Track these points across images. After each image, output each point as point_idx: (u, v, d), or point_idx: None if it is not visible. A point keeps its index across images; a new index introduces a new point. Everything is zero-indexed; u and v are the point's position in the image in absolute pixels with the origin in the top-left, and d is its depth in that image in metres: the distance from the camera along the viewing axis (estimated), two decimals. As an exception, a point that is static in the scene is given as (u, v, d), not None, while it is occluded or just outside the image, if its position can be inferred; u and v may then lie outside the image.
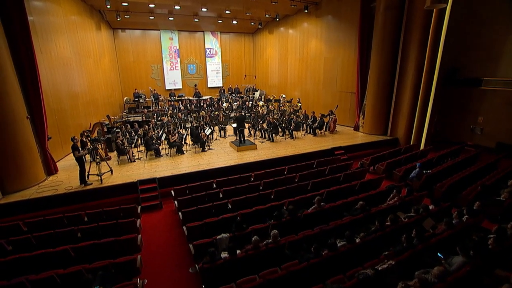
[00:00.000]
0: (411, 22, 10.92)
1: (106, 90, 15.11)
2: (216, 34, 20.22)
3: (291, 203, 6.55)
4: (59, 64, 10.46)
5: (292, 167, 8.95)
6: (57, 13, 10.51)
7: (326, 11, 14.86)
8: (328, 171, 8.82)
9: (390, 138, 12.59)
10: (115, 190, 7.94)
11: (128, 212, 6.60)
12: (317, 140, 12.41)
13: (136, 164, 9.54)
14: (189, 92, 19.83)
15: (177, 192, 7.48)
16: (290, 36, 17.81)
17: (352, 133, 13.68)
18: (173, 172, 8.72)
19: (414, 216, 5.59)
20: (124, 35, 17.83)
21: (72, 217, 6.29)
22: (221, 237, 5.22)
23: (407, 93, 11.72)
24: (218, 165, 9.23)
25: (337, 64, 14.79)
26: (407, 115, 11.91)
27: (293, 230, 5.55)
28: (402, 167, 9.11)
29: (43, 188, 7.86)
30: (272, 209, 6.36)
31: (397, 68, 11.93)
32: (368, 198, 6.83)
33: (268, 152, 10.53)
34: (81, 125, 11.51)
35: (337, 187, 7.45)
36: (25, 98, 7.91)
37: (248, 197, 6.85)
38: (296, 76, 17.84)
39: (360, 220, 5.83)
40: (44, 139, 8.45)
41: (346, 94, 14.61)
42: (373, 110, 12.82)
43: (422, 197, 6.83)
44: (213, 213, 6.57)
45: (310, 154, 10.51)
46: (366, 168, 8.90)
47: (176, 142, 10.33)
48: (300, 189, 7.56)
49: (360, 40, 12.56)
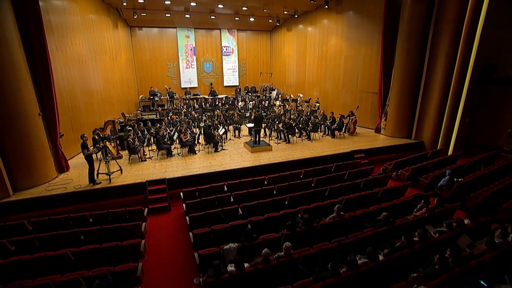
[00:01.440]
0: (442, 15, 10.05)
1: (121, 88, 15.10)
2: (233, 32, 19.89)
3: (306, 211, 6.04)
4: (75, 61, 10.42)
5: (309, 170, 8.40)
6: (74, 10, 10.48)
7: (348, 7, 14.14)
8: (348, 176, 8.21)
9: (415, 141, 11.74)
10: (124, 190, 7.71)
11: (134, 215, 6.32)
12: (335, 142, 11.76)
13: (147, 163, 9.31)
14: (205, 91, 19.61)
15: (186, 194, 7.13)
16: (309, 34, 17.17)
17: (373, 135, 12.91)
18: (184, 173, 8.40)
19: (446, 231, 4.93)
20: (141, 33, 17.84)
21: (77, 218, 6.07)
22: (229, 247, 4.79)
23: (435, 93, 10.85)
24: (231, 167, 8.84)
25: (358, 63, 14.04)
26: (435, 116, 11.04)
27: (308, 242, 5.03)
28: (429, 173, 8.35)
29: (53, 186, 7.75)
30: (286, 217, 5.87)
31: (424, 66, 11.08)
32: (392, 208, 6.19)
33: (284, 154, 10.03)
34: (95, 123, 11.45)
35: (357, 195, 6.85)
36: (37, 95, 7.82)
37: (260, 203, 6.39)
38: (314, 75, 17.19)
39: (383, 233, 5.22)
40: (56, 137, 8.37)
41: (367, 94, 13.83)
42: (397, 111, 12.00)
43: (454, 209, 6.10)
44: (222, 218, 6.17)
45: (328, 157, 9.90)
46: (389, 174, 8.21)
47: (188, 141, 10.03)
48: (317, 195, 7.01)
49: (384, 36, 11.78)
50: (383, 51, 12.01)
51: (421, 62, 11.12)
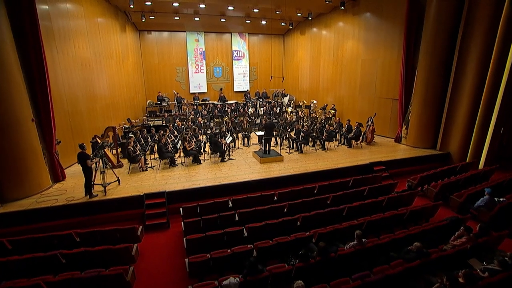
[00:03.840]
0: (474, 12, 9.06)
1: (128, 93, 14.66)
2: (244, 36, 19.30)
3: (322, 236, 5.18)
4: (77, 65, 9.97)
5: (324, 185, 7.52)
6: (78, 13, 10.07)
7: (365, 8, 13.28)
8: (368, 192, 7.29)
9: (440, 152, 10.66)
10: (119, 203, 7.05)
11: (126, 234, 5.61)
12: (352, 152, 10.82)
13: (148, 173, 8.66)
14: (214, 96, 19.03)
15: (186, 211, 6.39)
16: (323, 37, 16.36)
17: (393, 145, 11.89)
18: (186, 185, 7.68)
19: (499, 271, 3.96)
20: (149, 37, 17.47)
21: (62, 237, 5.40)
22: (228, 283, 3.99)
23: (465, 99, 9.81)
24: (237, 179, 8.06)
25: (376, 67, 13.11)
26: (464, 125, 9.97)
27: (324, 277, 4.18)
28: (462, 191, 7.33)
29: (45, 197, 7.17)
30: (298, 243, 5.03)
31: (452, 69, 10.06)
32: (423, 234, 5.26)
33: (296, 166, 9.18)
34: (98, 129, 10.93)
35: (380, 216, 5.93)
36: (31, 99, 7.31)
37: (268, 224, 5.56)
38: (329, 80, 16.31)
39: (416, 268, 4.30)
40: (51, 144, 7.82)
41: (386, 100, 12.85)
42: (420, 119, 10.98)
43: (501, 238, 5.09)
44: (224, 241, 5.39)
45: (345, 170, 9.00)
46: (416, 191, 7.22)
47: (193, 150, 9.34)
48: (333, 215, 6.14)
49: (406, 37, 10.84)
50: (404, 54, 11.06)
51: (449, 65, 10.12)
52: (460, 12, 9.54)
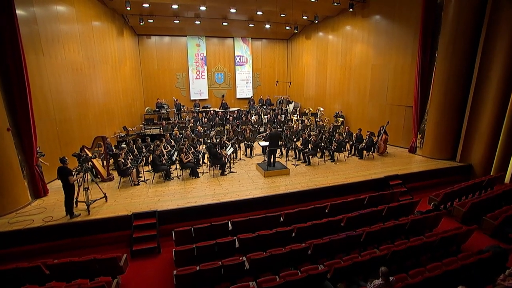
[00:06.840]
0: (499, 10, 8.26)
1: (125, 99, 13.93)
2: (247, 40, 18.62)
3: (339, 271, 4.27)
4: (67, 69, 9.23)
5: (336, 204, 6.61)
6: (69, 15, 9.38)
7: (375, 10, 12.52)
8: (386, 212, 6.38)
9: (461, 164, 9.74)
10: (104, 224, 6.18)
11: (106, 265, 4.74)
12: (364, 164, 9.91)
13: (139, 188, 7.81)
14: (216, 103, 18.28)
15: (178, 236, 5.50)
16: (330, 41, 15.60)
17: (408, 156, 10.98)
18: (180, 203, 6.80)
19: None
20: (149, 41, 16.82)
21: (28, 270, 4.55)
22: None
23: (489, 106, 8.96)
24: (239, 196, 7.17)
25: (387, 72, 12.28)
26: (487, 134, 9.12)
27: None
28: (496, 211, 6.40)
29: (20, 216, 6.32)
30: (310, 281, 4.12)
31: (473, 74, 9.22)
32: (463, 270, 4.32)
33: (304, 180, 8.29)
34: (90, 138, 10.05)
35: (406, 245, 4.99)
36: (7, 107, 6.53)
37: (273, 255, 4.66)
38: (336, 87, 15.49)
39: (463, 321, 3.39)
40: (31, 155, 7.01)
41: (399, 107, 11.97)
42: (437, 128, 10.09)
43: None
44: (222, 275, 4.50)
45: (358, 185, 8.10)
46: (443, 212, 6.28)
47: (190, 163, 8.50)
48: (350, 242, 5.23)
49: (422, 40, 10.01)
50: (420, 58, 10.22)
51: (470, 70, 9.29)
52: (483, 10, 8.74)
